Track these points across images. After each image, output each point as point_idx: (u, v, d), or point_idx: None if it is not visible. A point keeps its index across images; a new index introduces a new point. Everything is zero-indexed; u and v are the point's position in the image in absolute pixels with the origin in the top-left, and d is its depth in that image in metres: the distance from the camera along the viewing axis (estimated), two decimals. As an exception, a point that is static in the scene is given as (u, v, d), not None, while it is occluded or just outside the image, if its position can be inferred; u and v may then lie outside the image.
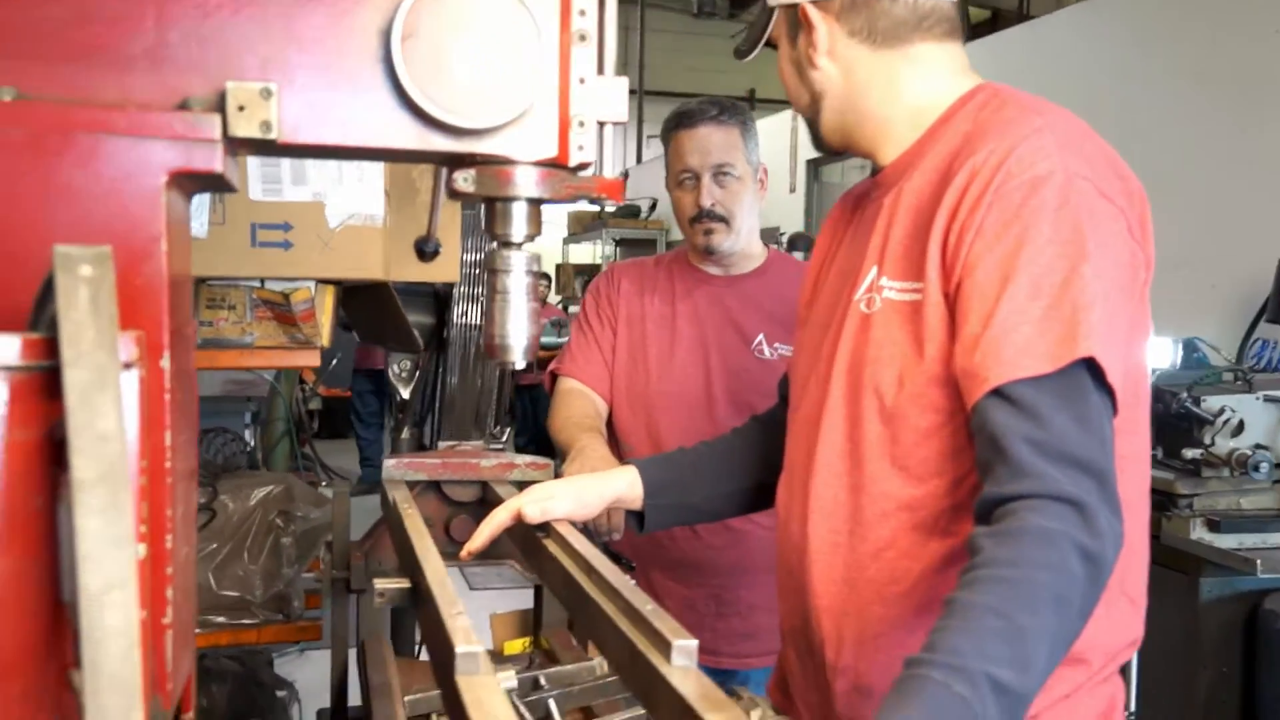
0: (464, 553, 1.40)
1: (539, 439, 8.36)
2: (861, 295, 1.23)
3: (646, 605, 1.01)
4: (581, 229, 10.78)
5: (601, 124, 1.00)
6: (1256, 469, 2.68)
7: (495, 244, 1.02)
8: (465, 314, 2.63)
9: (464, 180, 0.97)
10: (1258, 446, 2.73)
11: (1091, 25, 4.94)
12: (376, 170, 2.09)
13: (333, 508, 1.83)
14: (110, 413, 0.71)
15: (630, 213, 10.12)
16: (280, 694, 2.98)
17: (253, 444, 4.09)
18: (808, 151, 7.19)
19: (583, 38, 0.97)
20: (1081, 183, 1.08)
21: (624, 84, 1.00)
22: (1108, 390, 1.04)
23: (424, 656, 2.42)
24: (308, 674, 3.47)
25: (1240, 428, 2.74)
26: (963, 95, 1.23)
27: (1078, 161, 1.09)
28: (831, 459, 1.24)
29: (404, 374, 2.69)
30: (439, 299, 2.68)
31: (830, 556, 1.24)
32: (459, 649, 0.88)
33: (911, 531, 1.17)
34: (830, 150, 1.35)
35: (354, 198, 2.08)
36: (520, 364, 1.04)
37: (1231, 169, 3.93)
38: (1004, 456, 1.01)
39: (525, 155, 0.96)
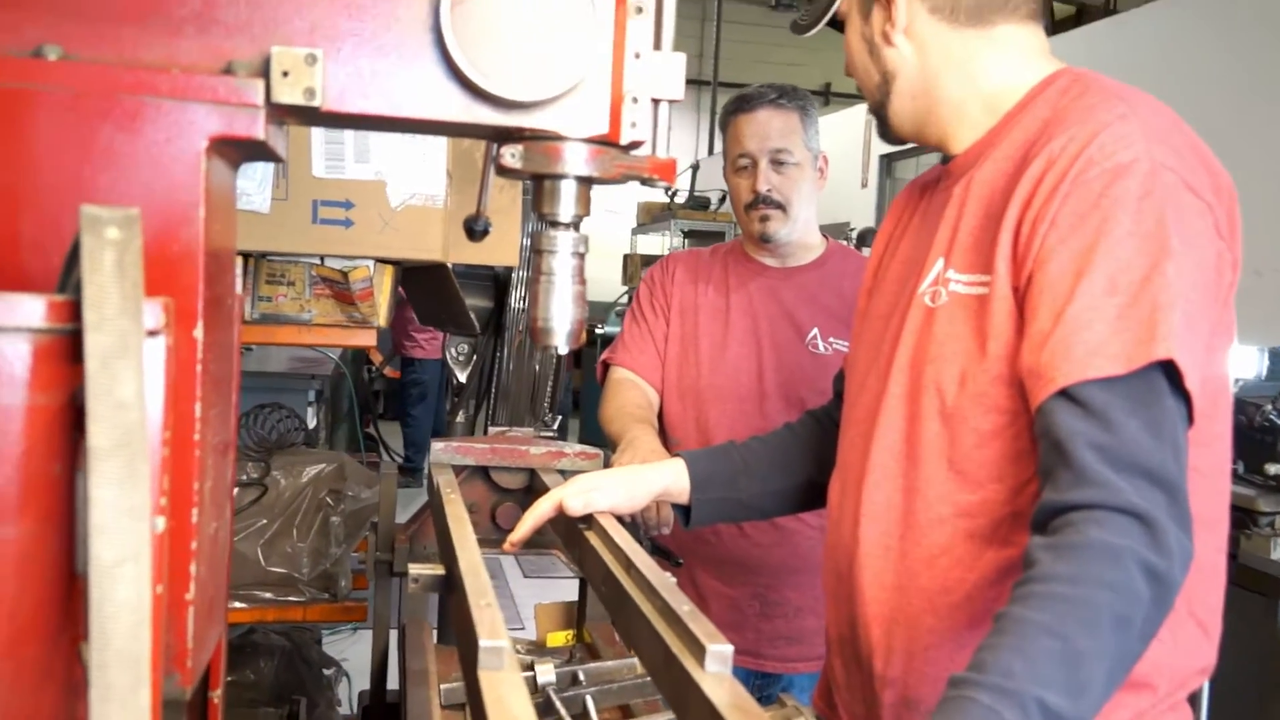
0: (507, 544, 1.37)
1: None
2: (926, 288, 1.17)
3: (684, 606, 0.97)
4: (650, 220, 10.73)
5: (656, 101, 0.96)
6: (1340, 490, 2.56)
7: (542, 224, 0.99)
8: (523, 299, 2.61)
9: (511, 156, 0.93)
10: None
11: (1178, 21, 4.77)
12: (439, 150, 2.08)
13: (380, 489, 1.81)
14: (130, 380, 0.69)
15: (699, 204, 10.05)
16: (327, 672, 2.99)
17: (315, 422, 4.13)
18: (881, 146, 7.05)
19: (639, 10, 0.93)
20: (1167, 174, 1.01)
21: (681, 60, 0.96)
22: (1184, 397, 0.97)
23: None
24: (358, 653, 3.49)
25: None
26: (1043, 80, 1.16)
27: (1164, 151, 1.02)
28: (886, 459, 1.18)
29: (461, 357, 2.67)
30: (498, 283, 2.66)
31: (881, 561, 1.18)
32: (483, 643, 0.85)
33: (967, 539, 1.11)
34: (896, 139, 1.28)
35: (416, 177, 2.07)
36: (564, 349, 1.01)
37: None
38: (1068, 462, 0.95)
39: (575, 131, 0.93)
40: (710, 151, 12.17)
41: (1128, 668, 0.90)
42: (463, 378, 2.70)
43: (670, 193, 10.09)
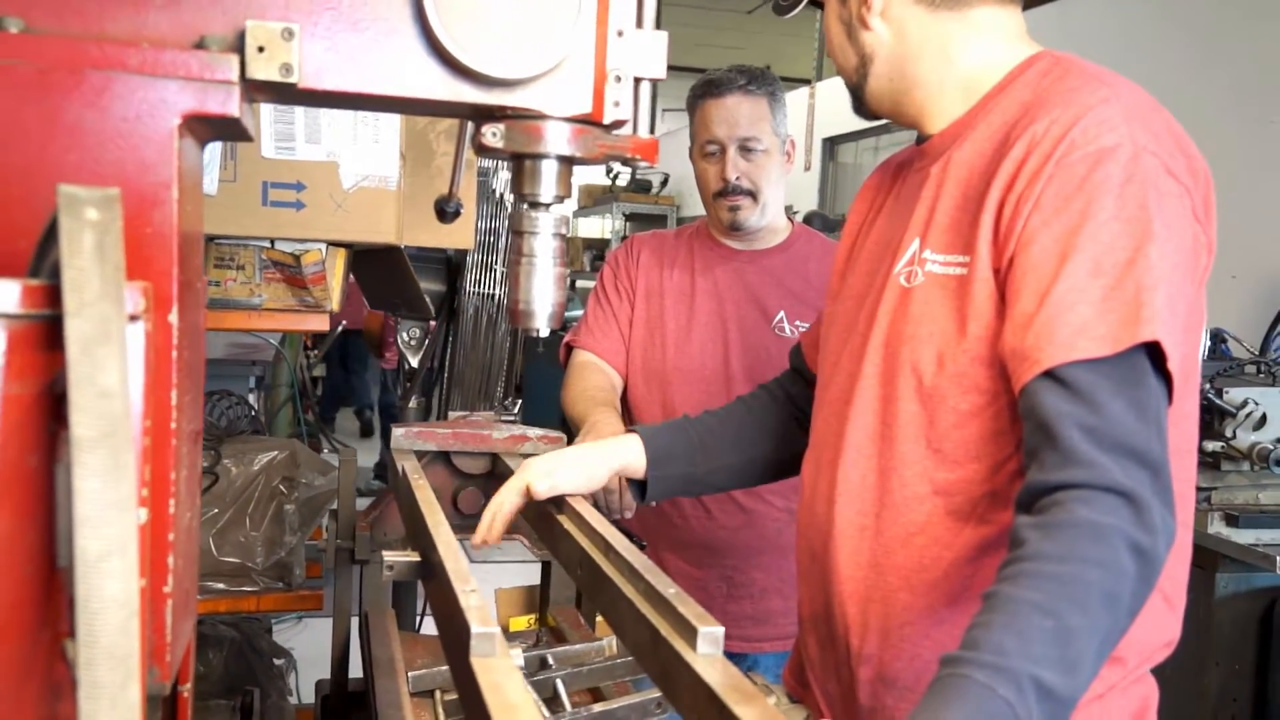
0: (477, 541, 1.35)
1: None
2: (901, 269, 1.17)
3: (670, 589, 0.97)
4: (592, 202, 10.69)
5: (638, 80, 0.95)
6: (1278, 464, 2.63)
7: (523, 204, 0.97)
8: (478, 282, 2.58)
9: (492, 135, 0.92)
10: (1279, 440, 2.68)
11: (1122, 7, 4.86)
12: (392, 131, 2.04)
13: (339, 476, 1.78)
14: (114, 368, 0.66)
15: (642, 187, 10.04)
16: (278, 662, 2.95)
17: (256, 409, 4.06)
18: (824, 129, 7.10)
19: (622, -12, 0.92)
20: (1149, 158, 1.02)
21: (664, 39, 0.95)
22: (1165, 378, 0.99)
23: (426, 630, 2.38)
24: (305, 642, 3.45)
25: (1263, 421, 2.68)
26: (1022, 62, 1.17)
27: (1145, 135, 1.03)
28: (861, 439, 1.19)
29: (413, 342, 2.64)
30: (451, 266, 2.63)
31: (857, 540, 1.19)
32: (475, 629, 0.83)
33: (945, 517, 1.12)
34: (872, 117, 1.28)
35: (369, 158, 2.03)
36: (544, 331, 0.99)
37: (1256, 159, 3.86)
38: (1054, 442, 0.95)
39: (558, 110, 0.91)
40: (651, 133, 12.12)
41: (1114, 643, 0.91)
42: (415, 362, 2.66)
43: (612, 175, 10.07)
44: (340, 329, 5.68)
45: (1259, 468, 2.70)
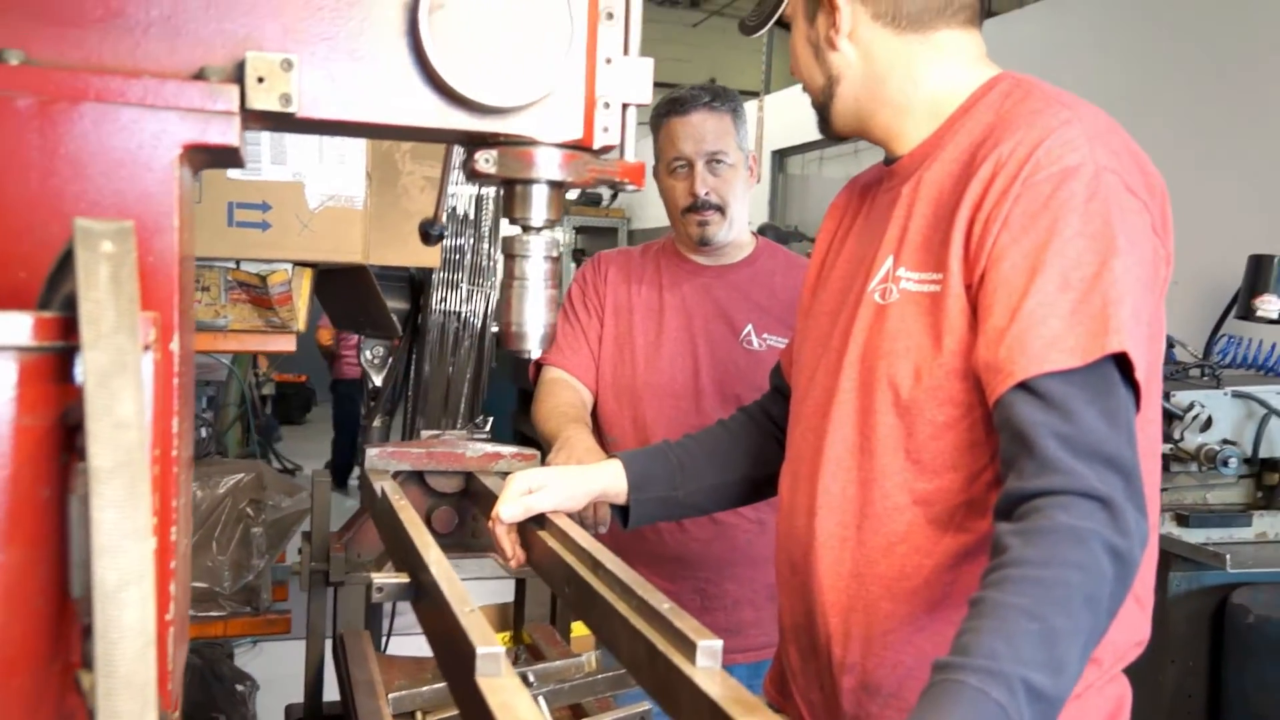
0: (515, 564, 1.38)
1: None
2: (876, 285, 1.20)
3: (664, 604, 0.99)
4: (541, 216, 10.69)
5: (625, 106, 0.97)
6: (1225, 464, 2.70)
7: (516, 228, 0.99)
8: (444, 300, 2.58)
9: (485, 161, 0.93)
10: (1225, 442, 2.76)
11: (1056, 22, 4.99)
12: (358, 151, 2.04)
13: (312, 497, 1.78)
14: (129, 399, 0.67)
15: (591, 200, 10.07)
16: (240, 688, 2.92)
17: (211, 428, 4.01)
18: (773, 142, 7.19)
19: (610, 16, 0.94)
20: (1110, 176, 1.06)
21: (649, 65, 0.98)
22: (1133, 386, 1.03)
23: (392, 651, 2.38)
24: (262, 667, 3.41)
25: (1209, 423, 2.76)
26: (984, 84, 1.21)
27: (1106, 155, 1.07)
28: (840, 452, 1.21)
29: (376, 360, 2.63)
30: (414, 285, 2.63)
31: (839, 551, 1.21)
32: (480, 650, 0.84)
33: (925, 526, 1.15)
34: (838, 137, 1.31)
35: (334, 179, 2.03)
36: (536, 353, 1.01)
37: (1195, 168, 3.97)
38: (1031, 451, 0.99)
39: (549, 136, 0.93)
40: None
41: (1096, 643, 0.95)
42: (378, 381, 2.66)
43: (561, 189, 10.09)
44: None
45: (1206, 468, 2.78)
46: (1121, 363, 1.02)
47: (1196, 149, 3.98)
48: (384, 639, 2.97)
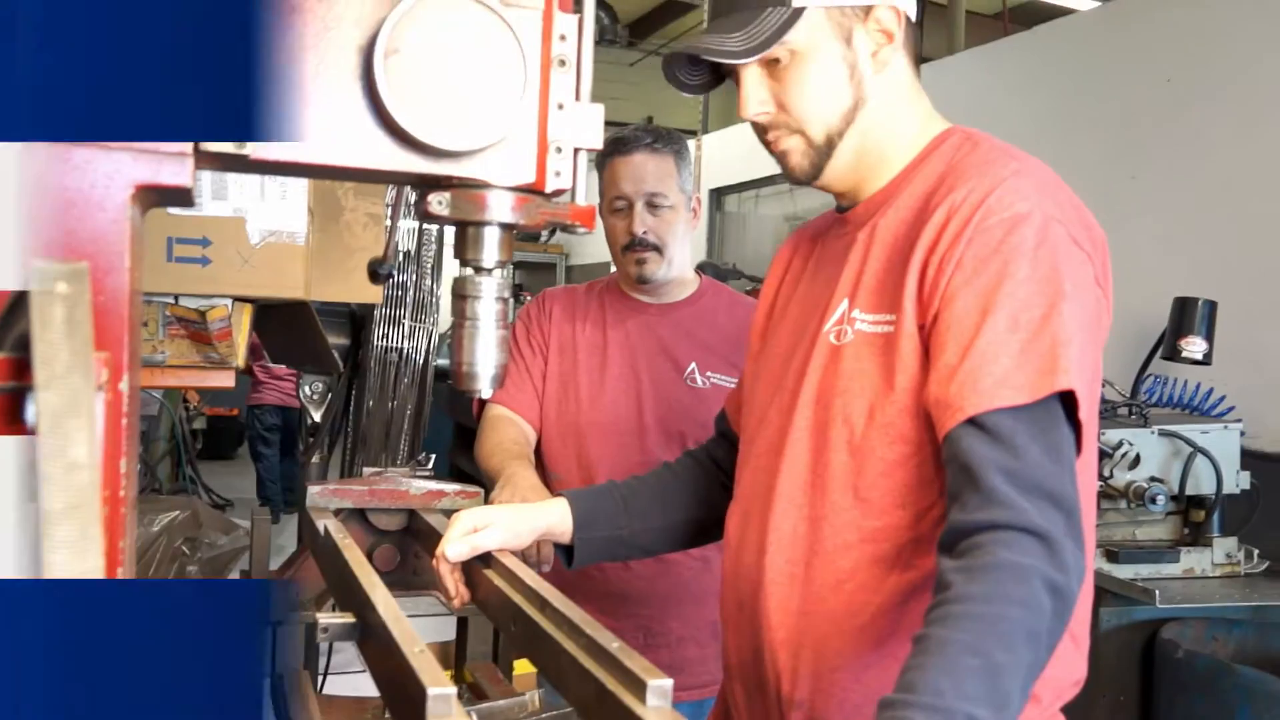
0: (458, 604, 1.37)
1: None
2: (831, 327, 1.23)
3: (613, 643, 0.99)
4: (480, 251, 10.67)
5: (577, 150, 0.99)
6: (1153, 501, 2.78)
7: (468, 269, 0.99)
8: (385, 336, 2.57)
9: (438, 203, 0.94)
10: (1153, 479, 2.84)
11: (985, 70, 5.13)
12: (300, 187, 2.03)
13: (252, 536, 1.75)
14: (82, 440, 0.67)
15: (529, 236, 10.07)
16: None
17: (143, 463, 3.93)
18: (710, 180, 7.27)
19: (562, 63, 0.96)
20: (1057, 226, 1.11)
21: (600, 111, 0.99)
22: (1075, 425, 1.06)
23: (328, 690, 2.34)
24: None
25: (1136, 461, 2.84)
26: (937, 136, 1.25)
27: (1051, 206, 1.12)
28: (792, 490, 1.23)
29: (315, 396, 2.60)
30: (355, 320, 2.62)
31: (787, 588, 1.23)
32: (432, 691, 0.84)
33: (872, 564, 1.17)
34: (803, 182, 1.27)
35: (276, 215, 2.02)
36: (487, 393, 1.02)
37: (1121, 213, 4.09)
38: (976, 485, 1.02)
39: (503, 180, 0.94)
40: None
41: (1035, 678, 0.97)
42: (317, 417, 2.63)
43: (501, 224, 10.08)
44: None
45: (1135, 505, 2.85)
46: (1067, 401, 1.05)
47: (1122, 194, 4.11)
48: (319, 678, 2.93)
